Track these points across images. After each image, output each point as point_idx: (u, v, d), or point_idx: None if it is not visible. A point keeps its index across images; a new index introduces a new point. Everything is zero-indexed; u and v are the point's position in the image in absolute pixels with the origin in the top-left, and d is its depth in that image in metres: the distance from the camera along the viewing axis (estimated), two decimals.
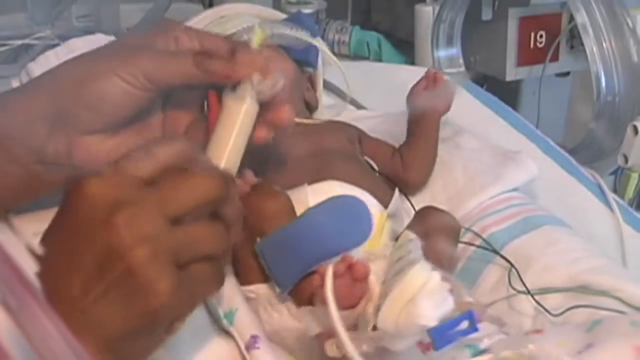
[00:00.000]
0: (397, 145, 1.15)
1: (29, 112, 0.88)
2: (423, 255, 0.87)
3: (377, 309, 0.77)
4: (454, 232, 0.99)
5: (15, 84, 1.21)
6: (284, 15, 1.22)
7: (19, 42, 1.41)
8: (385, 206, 1.01)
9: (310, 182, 0.97)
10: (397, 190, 1.06)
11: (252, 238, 0.88)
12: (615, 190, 1.34)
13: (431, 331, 0.74)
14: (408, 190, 1.13)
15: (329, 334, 0.77)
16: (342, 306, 0.77)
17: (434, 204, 1.04)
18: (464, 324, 0.75)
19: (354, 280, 0.80)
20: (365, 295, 0.81)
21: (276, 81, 0.82)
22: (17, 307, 0.52)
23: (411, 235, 0.89)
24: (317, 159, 1.02)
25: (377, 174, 1.10)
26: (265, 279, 0.89)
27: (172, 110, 0.92)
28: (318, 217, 0.84)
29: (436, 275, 0.75)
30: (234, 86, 0.82)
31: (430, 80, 1.14)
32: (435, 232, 0.96)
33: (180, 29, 0.91)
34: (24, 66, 1.21)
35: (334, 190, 0.97)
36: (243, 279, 0.89)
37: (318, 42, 1.18)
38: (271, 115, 0.84)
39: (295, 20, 1.17)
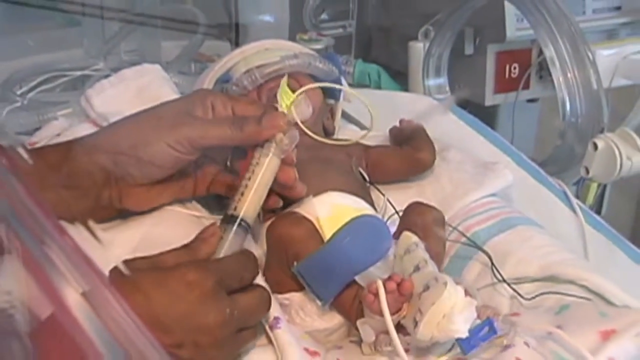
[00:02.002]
0: None
1: (92, 163, 0.90)
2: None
3: (414, 322, 0.79)
4: (441, 224, 0.98)
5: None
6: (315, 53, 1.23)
7: (78, 73, 1.42)
8: (376, 208, 1.02)
9: (315, 194, 0.96)
10: (385, 197, 1.06)
11: (284, 258, 0.89)
12: (577, 198, 1.33)
13: (460, 341, 0.78)
14: (423, 168, 1.13)
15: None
16: (391, 313, 0.79)
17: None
18: (485, 330, 0.78)
19: (400, 293, 0.80)
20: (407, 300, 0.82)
21: (294, 139, 0.87)
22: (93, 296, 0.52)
23: (413, 237, 0.88)
24: (320, 174, 1.01)
25: (368, 184, 1.09)
26: (297, 288, 0.88)
27: (203, 165, 0.95)
28: (347, 241, 0.84)
29: (462, 292, 0.77)
30: (263, 144, 0.87)
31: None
32: (429, 230, 0.95)
33: (214, 97, 0.94)
34: (83, 93, 1.21)
35: (335, 200, 0.97)
36: (278, 289, 0.89)
37: (344, 80, 1.19)
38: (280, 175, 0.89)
39: (328, 58, 1.18)
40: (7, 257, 0.73)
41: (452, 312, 0.77)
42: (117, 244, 0.89)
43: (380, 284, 0.79)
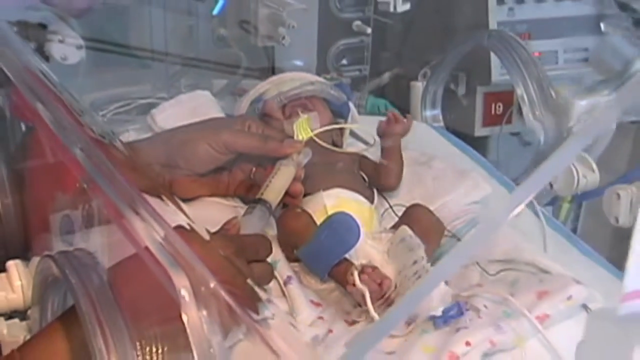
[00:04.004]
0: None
1: (150, 156, 1.02)
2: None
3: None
4: (433, 222, 1.07)
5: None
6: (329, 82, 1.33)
7: (145, 101, 1.51)
8: (371, 202, 1.11)
9: (325, 189, 1.07)
10: (375, 191, 1.15)
11: (290, 240, 0.99)
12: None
13: (434, 318, 0.88)
14: (387, 190, 1.17)
15: None
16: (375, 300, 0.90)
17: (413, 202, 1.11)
18: (455, 310, 0.87)
19: (381, 289, 0.91)
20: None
21: (307, 155, 1.00)
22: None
23: (409, 231, 0.98)
24: (330, 174, 1.11)
25: (367, 183, 1.17)
26: None
27: (233, 170, 1.05)
28: (324, 236, 0.94)
29: (442, 283, 0.87)
30: (284, 158, 1.00)
31: (392, 118, 1.17)
32: (423, 227, 1.04)
33: (251, 120, 1.06)
34: (149, 114, 1.33)
35: (340, 195, 1.07)
36: (290, 259, 0.99)
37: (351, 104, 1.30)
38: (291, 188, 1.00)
39: (339, 86, 1.30)
40: (94, 229, 0.86)
41: (432, 296, 0.87)
42: None
43: (365, 290, 0.89)
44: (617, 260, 1.19)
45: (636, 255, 0.45)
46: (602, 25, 1.62)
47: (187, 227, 0.72)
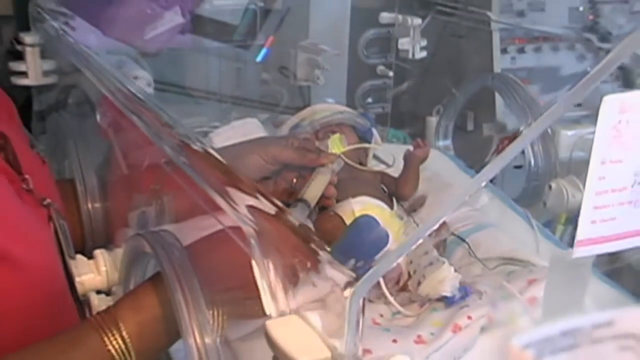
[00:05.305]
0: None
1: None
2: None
3: (418, 283, 1.00)
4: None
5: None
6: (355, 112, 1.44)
7: (201, 129, 1.60)
8: (391, 208, 1.23)
9: (353, 197, 1.18)
10: (395, 200, 1.27)
11: (324, 237, 1.00)
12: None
13: (445, 298, 0.98)
14: (404, 199, 1.29)
15: None
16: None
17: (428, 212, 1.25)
18: (462, 293, 0.97)
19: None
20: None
21: (339, 164, 1.12)
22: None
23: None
24: (357, 186, 1.22)
25: (387, 193, 1.29)
26: None
27: (278, 180, 1.15)
28: (353, 233, 1.00)
29: (452, 269, 0.98)
30: (320, 166, 1.11)
31: (418, 143, 1.32)
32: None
33: (294, 139, 1.16)
34: (207, 137, 1.45)
35: (365, 202, 1.17)
36: None
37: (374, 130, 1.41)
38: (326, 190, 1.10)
39: (363, 115, 1.41)
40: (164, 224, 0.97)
41: (445, 279, 0.98)
42: None
43: (381, 279, 0.98)
44: (609, 272, 1.29)
45: (586, 211, 0.57)
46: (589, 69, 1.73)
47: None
